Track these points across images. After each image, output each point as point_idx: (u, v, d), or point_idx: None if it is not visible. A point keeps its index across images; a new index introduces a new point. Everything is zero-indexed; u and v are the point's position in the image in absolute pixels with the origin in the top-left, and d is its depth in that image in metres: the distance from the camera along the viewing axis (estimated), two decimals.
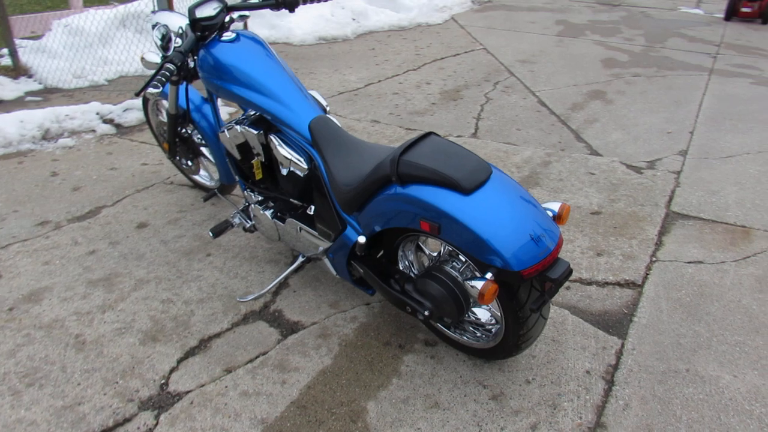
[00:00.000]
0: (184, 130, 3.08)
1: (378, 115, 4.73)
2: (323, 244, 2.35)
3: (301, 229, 2.42)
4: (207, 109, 2.98)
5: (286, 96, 2.33)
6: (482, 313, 2.21)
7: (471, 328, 2.21)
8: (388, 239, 2.19)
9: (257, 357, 2.28)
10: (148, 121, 3.40)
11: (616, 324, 2.46)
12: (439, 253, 2.19)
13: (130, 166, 3.78)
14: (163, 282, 2.68)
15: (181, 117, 2.95)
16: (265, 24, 7.18)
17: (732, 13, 8.69)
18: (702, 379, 2.19)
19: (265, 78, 2.34)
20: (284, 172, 2.42)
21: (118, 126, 4.40)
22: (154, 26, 2.68)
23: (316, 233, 2.37)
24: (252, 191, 2.66)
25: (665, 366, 2.24)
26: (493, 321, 2.19)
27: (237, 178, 2.75)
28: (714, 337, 2.39)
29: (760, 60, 6.55)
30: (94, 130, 4.27)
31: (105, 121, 4.40)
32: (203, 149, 3.19)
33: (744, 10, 8.53)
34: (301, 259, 2.56)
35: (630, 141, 4.32)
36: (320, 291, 2.65)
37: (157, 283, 2.67)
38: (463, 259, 2.09)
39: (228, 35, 2.44)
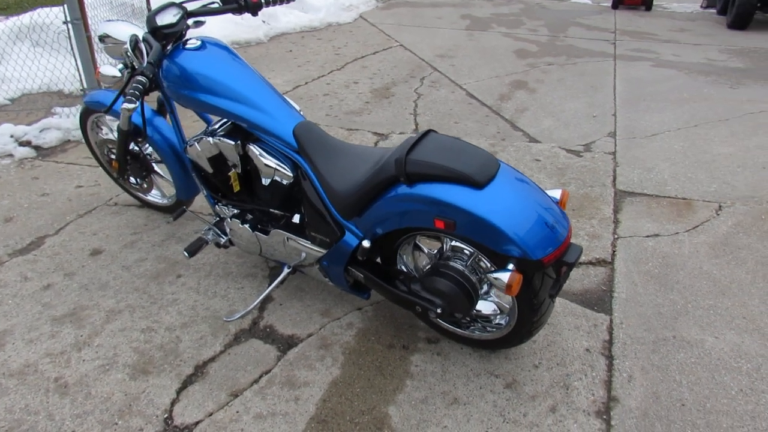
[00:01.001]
0: (135, 147, 2.88)
1: (314, 118, 4.66)
2: (317, 253, 2.29)
3: (288, 239, 2.35)
4: (160, 122, 2.81)
5: (266, 103, 2.24)
6: (486, 305, 2.24)
7: (479, 321, 2.24)
8: (388, 241, 2.17)
9: (261, 377, 2.18)
10: (86, 140, 3.15)
11: (598, 301, 2.58)
12: (440, 249, 2.20)
13: (64, 189, 3.49)
14: (137, 310, 2.50)
15: (133, 133, 2.76)
16: None
17: (619, 2, 9.33)
18: (689, 343, 2.34)
19: (241, 85, 2.24)
20: (265, 182, 2.33)
21: (37, 148, 4.04)
22: (101, 38, 2.49)
23: (307, 242, 2.31)
24: (225, 205, 2.54)
25: (654, 335, 2.38)
26: (499, 311, 2.22)
27: (205, 192, 2.61)
28: (688, 303, 2.56)
29: (654, 44, 7.08)
30: (11, 155, 3.90)
31: (22, 144, 4.03)
32: (155, 166, 3.01)
33: None
34: (286, 271, 2.47)
35: (562, 127, 4.53)
36: (307, 301, 2.58)
37: (131, 312, 2.49)
38: (469, 253, 2.11)
39: (192, 42, 2.32)
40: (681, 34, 7.67)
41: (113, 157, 3.05)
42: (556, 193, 2.01)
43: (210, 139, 2.34)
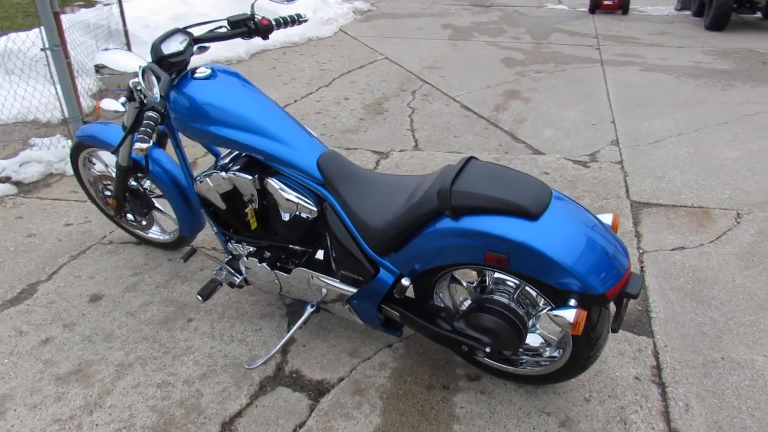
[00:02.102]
0: (134, 183, 2.69)
1: None
2: (347, 291, 2.12)
3: (313, 277, 2.18)
4: (160, 155, 2.62)
5: (286, 133, 2.07)
6: (533, 338, 2.10)
7: (530, 356, 2.10)
8: (425, 276, 2.02)
9: (296, 431, 2.00)
10: (78, 177, 2.94)
11: (637, 323, 2.46)
12: (480, 282, 2.06)
13: (52, 229, 3.26)
14: (149, 362, 2.30)
15: (133, 169, 2.56)
16: (147, 51, 6.60)
17: (596, 6, 9.37)
18: (739, 365, 2.24)
19: (257, 116, 2.07)
20: (285, 217, 2.17)
21: (18, 184, 3.80)
22: (97, 68, 2.30)
23: (335, 281, 2.14)
24: (239, 242, 2.36)
25: (701, 358, 2.27)
26: (546, 343, 2.09)
27: (215, 230, 2.43)
28: (729, 320, 2.46)
29: (638, 48, 7.08)
30: None
31: (0, 180, 3.78)
32: (156, 201, 2.81)
33: (606, 2, 9.24)
34: (310, 310, 2.29)
35: (563, 137, 4.44)
36: (332, 340, 2.41)
37: (142, 365, 2.28)
38: (514, 285, 1.98)
39: (202, 71, 2.14)
40: (663, 37, 7.70)
41: (109, 194, 2.85)
42: (606, 218, 1.88)
43: (223, 173, 2.17)
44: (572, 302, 1.67)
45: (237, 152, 2.28)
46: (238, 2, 7.81)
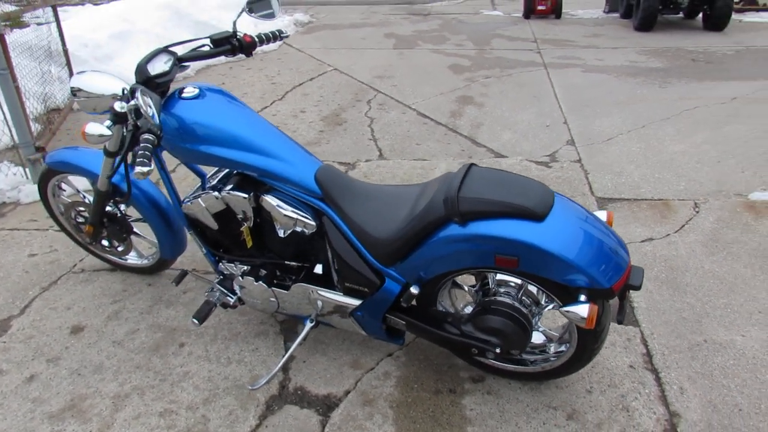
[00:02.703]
0: (113, 208, 2.60)
1: None
2: (351, 304, 2.13)
3: (314, 292, 2.18)
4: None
5: (281, 150, 2.07)
6: (536, 336, 2.16)
7: (537, 354, 2.16)
8: (431, 283, 2.05)
9: None
10: (46, 205, 2.81)
11: (622, 314, 2.57)
12: (481, 285, 2.11)
13: (15, 260, 3.10)
14: (146, 392, 2.23)
15: (112, 194, 2.49)
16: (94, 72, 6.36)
17: (530, 12, 9.71)
18: (721, 345, 2.38)
19: (252, 133, 2.05)
20: (282, 233, 2.15)
21: None
22: (74, 92, 2.22)
23: (338, 294, 2.15)
24: (231, 262, 2.32)
25: (686, 342, 2.40)
26: (548, 340, 2.16)
27: (204, 251, 2.38)
28: (705, 305, 2.61)
29: (576, 50, 7.39)
30: None
31: None
32: (134, 226, 2.74)
33: (539, 8, 9.59)
34: (309, 326, 2.29)
35: (521, 139, 4.59)
36: (331, 354, 2.41)
37: (140, 395, 2.21)
38: (516, 285, 2.04)
39: (190, 91, 2.11)
40: (597, 39, 8.06)
41: (82, 220, 2.75)
42: (602, 215, 1.97)
43: (215, 193, 2.14)
44: (582, 297, 1.74)
45: (227, 171, 2.26)
46: (178, 18, 7.67)
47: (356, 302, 2.12)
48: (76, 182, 2.78)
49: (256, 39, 2.33)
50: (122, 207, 2.66)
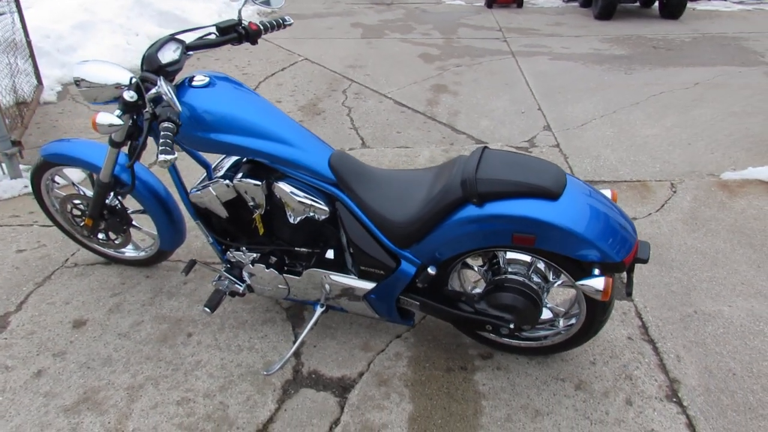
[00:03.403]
0: (111, 200, 2.57)
1: None
2: (365, 287, 2.18)
3: (327, 277, 2.21)
4: (139, 169, 2.54)
5: (295, 137, 2.09)
6: (545, 312, 2.25)
7: (546, 330, 2.25)
8: (444, 264, 2.11)
9: (332, 428, 2.04)
10: (39, 199, 2.75)
11: (617, 289, 2.69)
12: (490, 264, 2.19)
13: (3, 257, 3.03)
14: (161, 381, 2.23)
15: (113, 185, 2.46)
16: (52, 62, 6.18)
17: (492, 1, 9.84)
18: (710, 316, 2.52)
19: (266, 121, 2.07)
20: (293, 220, 2.18)
21: None
22: (77, 82, 2.18)
23: (353, 277, 2.19)
24: (239, 250, 2.34)
25: (678, 313, 2.54)
26: (554, 315, 2.25)
27: (210, 240, 2.39)
28: (691, 278, 2.76)
29: (541, 39, 7.55)
30: None
31: None
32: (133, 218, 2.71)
33: None
34: (320, 310, 2.33)
35: (499, 125, 4.69)
36: (340, 337, 2.45)
37: (154, 385, 2.21)
38: (524, 263, 2.12)
39: (200, 79, 2.11)
40: (559, 27, 8.25)
41: (78, 213, 2.70)
42: (606, 193, 2.07)
43: (226, 182, 2.15)
44: (596, 271, 1.83)
45: (235, 159, 2.27)
46: (141, 7, 7.50)
47: (370, 285, 2.16)
48: (72, 175, 2.72)
49: (261, 27, 2.33)
50: (121, 198, 2.63)
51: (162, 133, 1.76)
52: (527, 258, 2.12)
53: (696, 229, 3.15)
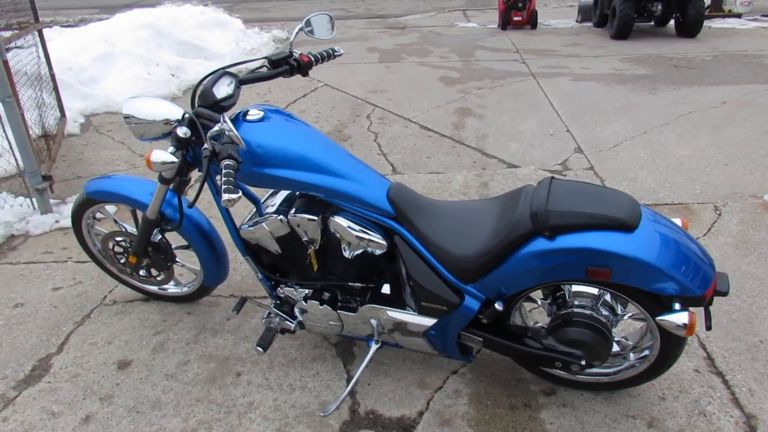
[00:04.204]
0: (159, 237, 2.52)
1: None
2: (426, 323, 2.10)
3: (385, 312, 2.14)
4: (183, 204, 2.48)
5: (352, 170, 2.04)
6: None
7: (616, 365, 2.16)
8: (511, 298, 2.03)
9: None
10: (79, 236, 2.70)
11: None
12: (554, 297, 2.11)
13: (40, 295, 2.97)
14: (214, 426, 2.15)
15: (159, 222, 2.41)
16: (74, 95, 6.20)
17: (506, 23, 9.88)
18: None
19: (323, 155, 2.02)
20: (349, 254, 2.11)
21: None
22: (126, 118, 2.14)
23: (413, 313, 2.11)
24: (290, 286, 2.27)
25: (743, 343, 2.44)
26: (622, 349, 2.16)
27: (260, 276, 2.33)
28: (751, 306, 2.66)
29: (560, 59, 7.53)
30: None
31: None
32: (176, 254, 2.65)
33: (516, 19, 9.78)
34: (375, 347, 2.25)
35: (529, 148, 4.64)
36: (394, 374, 2.37)
37: (208, 430, 2.13)
38: (591, 296, 2.04)
39: (255, 113, 2.07)
40: (576, 48, 8.24)
41: (120, 250, 2.65)
42: (677, 222, 1.99)
43: (280, 217, 2.09)
44: (677, 306, 1.75)
45: (287, 194, 2.22)
46: (160, 37, 7.55)
47: (431, 321, 2.09)
48: (114, 212, 2.68)
49: (312, 58, 2.30)
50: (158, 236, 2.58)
51: (224, 171, 1.70)
52: (594, 290, 2.05)
53: (747, 253, 3.06)
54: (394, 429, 2.12)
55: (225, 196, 1.65)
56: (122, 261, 2.66)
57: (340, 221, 2.04)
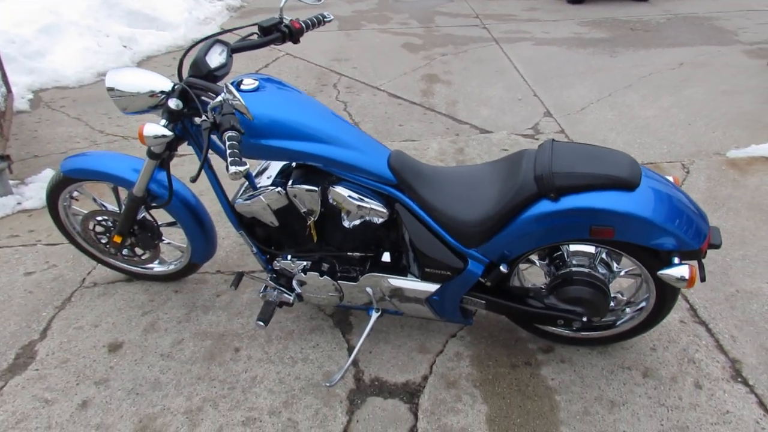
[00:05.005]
0: (143, 215, 2.44)
1: None
2: (429, 289, 2.11)
3: (387, 280, 2.14)
4: (165, 178, 2.40)
5: (352, 138, 2.00)
6: None
7: (615, 317, 2.23)
8: (514, 260, 2.06)
9: None
10: (55, 216, 2.59)
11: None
12: (551, 257, 2.15)
13: (12, 281, 2.84)
14: (219, 402, 2.13)
15: (142, 199, 2.32)
16: (19, 69, 5.86)
17: None
18: (752, 294, 2.55)
19: (322, 124, 1.97)
20: (349, 224, 2.10)
21: None
22: (110, 90, 2.04)
23: (416, 280, 2.12)
24: (287, 259, 2.24)
25: (721, 294, 2.55)
26: (616, 304, 2.23)
27: (254, 250, 2.29)
28: (725, 258, 2.79)
29: (520, 24, 7.55)
30: None
31: None
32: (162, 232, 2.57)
33: None
34: (375, 315, 2.26)
35: (500, 113, 4.67)
36: (394, 341, 2.39)
37: (214, 407, 2.11)
38: (588, 255, 2.09)
39: (250, 83, 2.00)
40: (535, 12, 8.27)
41: (101, 230, 2.55)
42: (670, 179, 2.05)
43: (278, 189, 2.04)
44: (676, 260, 1.82)
45: (282, 165, 2.17)
46: (108, 7, 7.19)
47: (434, 287, 2.10)
48: (94, 191, 2.57)
49: (303, 25, 2.23)
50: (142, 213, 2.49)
51: (228, 143, 1.65)
52: (591, 249, 2.10)
53: (717, 208, 3.18)
54: (401, 394, 2.14)
55: (232, 169, 1.59)
56: (104, 241, 2.56)
57: (341, 191, 2.01)
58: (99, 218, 2.51)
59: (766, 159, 3.69)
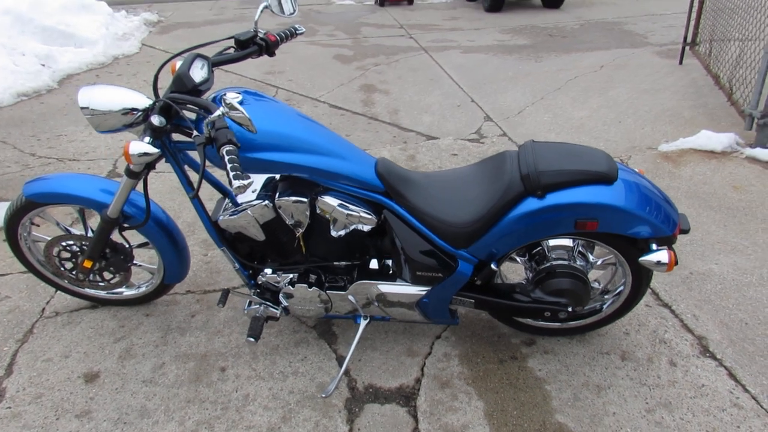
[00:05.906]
0: (117, 237, 2.35)
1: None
2: (419, 292, 2.16)
3: (378, 287, 2.17)
4: (139, 199, 2.33)
5: (339, 148, 2.03)
6: None
7: (594, 305, 2.35)
8: (502, 258, 2.14)
9: None
10: (13, 244, 2.44)
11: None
12: (531, 253, 2.26)
13: None
14: (215, 423, 2.08)
15: (116, 221, 2.23)
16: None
17: (383, 0, 9.99)
18: (704, 274, 2.77)
19: (307, 135, 1.98)
20: (337, 233, 2.12)
21: None
22: (83, 108, 1.96)
23: (406, 284, 2.17)
24: (272, 273, 2.23)
25: (677, 277, 2.76)
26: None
27: (237, 266, 2.26)
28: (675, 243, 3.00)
29: (445, 33, 7.79)
30: None
31: None
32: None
33: None
34: (364, 323, 2.29)
35: (441, 120, 4.80)
36: (381, 347, 2.42)
37: (209, 429, 2.06)
38: (567, 247, 2.21)
39: (234, 96, 1.95)
40: (457, 22, 8.56)
41: (67, 255, 2.43)
42: (637, 171, 2.20)
43: (265, 202, 2.04)
44: (654, 246, 1.96)
45: (266, 178, 2.16)
46: (21, 24, 6.84)
47: (425, 290, 2.15)
48: (57, 215, 2.44)
49: (278, 37, 2.23)
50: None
51: (228, 157, 1.63)
52: (569, 242, 2.22)
53: None
54: (397, 399, 2.17)
55: (236, 183, 1.58)
56: (70, 267, 2.44)
57: (330, 200, 2.03)
58: (64, 243, 2.39)
59: (695, 150, 4.00)
